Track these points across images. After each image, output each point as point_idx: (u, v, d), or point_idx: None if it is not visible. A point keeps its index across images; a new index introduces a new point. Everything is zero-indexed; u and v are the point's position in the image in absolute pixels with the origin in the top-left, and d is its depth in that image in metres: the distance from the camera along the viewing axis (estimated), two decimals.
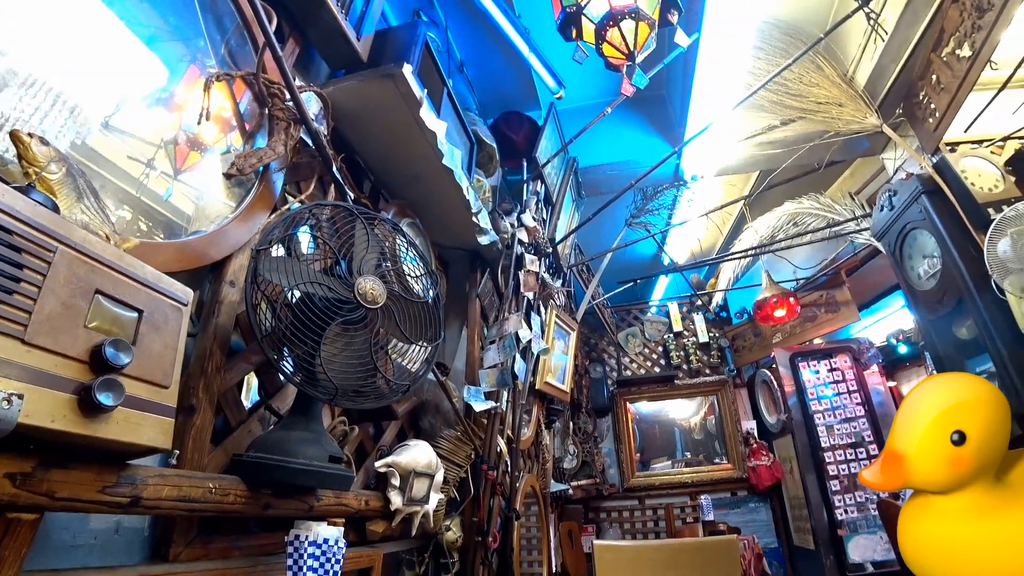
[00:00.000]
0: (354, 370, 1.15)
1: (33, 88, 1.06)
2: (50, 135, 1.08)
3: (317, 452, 1.13)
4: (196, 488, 0.99)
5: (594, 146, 3.42)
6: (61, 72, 1.08)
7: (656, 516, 4.57)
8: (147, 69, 1.33)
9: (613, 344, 5.10)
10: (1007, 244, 2.23)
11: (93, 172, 1.16)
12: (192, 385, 1.17)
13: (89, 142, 1.18)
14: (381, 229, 1.40)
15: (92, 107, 1.17)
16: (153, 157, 1.36)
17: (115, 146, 1.24)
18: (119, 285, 0.85)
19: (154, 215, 1.29)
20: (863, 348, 4.23)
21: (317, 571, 1.12)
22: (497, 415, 2.16)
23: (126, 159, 1.25)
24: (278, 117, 1.41)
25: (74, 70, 1.11)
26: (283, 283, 1.11)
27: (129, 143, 1.26)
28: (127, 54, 1.26)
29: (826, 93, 3.13)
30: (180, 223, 1.34)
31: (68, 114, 1.13)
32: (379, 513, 1.57)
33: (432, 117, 1.71)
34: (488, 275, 2.41)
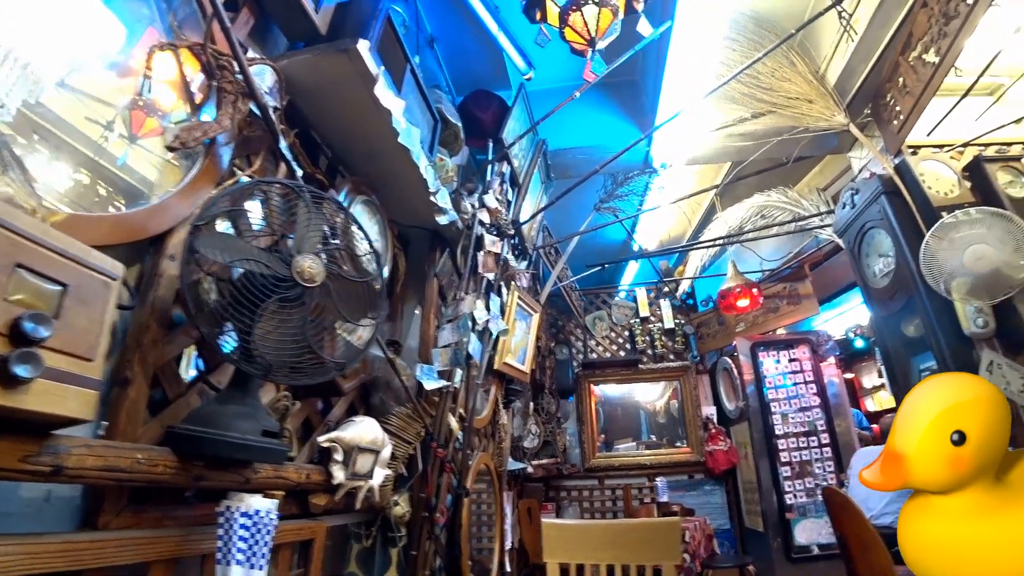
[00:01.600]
0: (288, 347, 1.16)
1: None
2: (0, 91, 1.06)
3: (250, 426, 1.15)
4: (123, 458, 1.01)
5: (565, 129, 3.41)
6: (11, 26, 1.05)
7: (615, 496, 4.70)
8: (104, 28, 1.30)
9: (580, 327, 5.16)
10: (946, 249, 2.30)
11: (48, 132, 1.14)
12: (127, 358, 1.17)
13: (44, 101, 1.15)
14: (328, 207, 1.40)
15: (46, 65, 1.14)
16: (113, 120, 1.34)
17: (73, 107, 1.22)
18: (42, 259, 0.85)
19: (115, 180, 1.27)
20: (822, 340, 4.35)
21: (247, 540, 1.15)
22: (449, 394, 2.19)
23: (84, 120, 1.23)
24: (226, 90, 1.39)
25: (25, 24, 1.07)
26: (219, 259, 1.12)
27: (87, 104, 1.24)
28: (83, 10, 1.22)
29: (797, 89, 3.16)
30: (142, 189, 1.33)
31: (20, 71, 1.10)
32: (321, 487, 1.60)
33: (389, 95, 1.70)
34: (448, 255, 2.42)
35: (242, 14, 1.54)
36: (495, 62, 2.85)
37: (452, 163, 2.44)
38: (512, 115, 2.75)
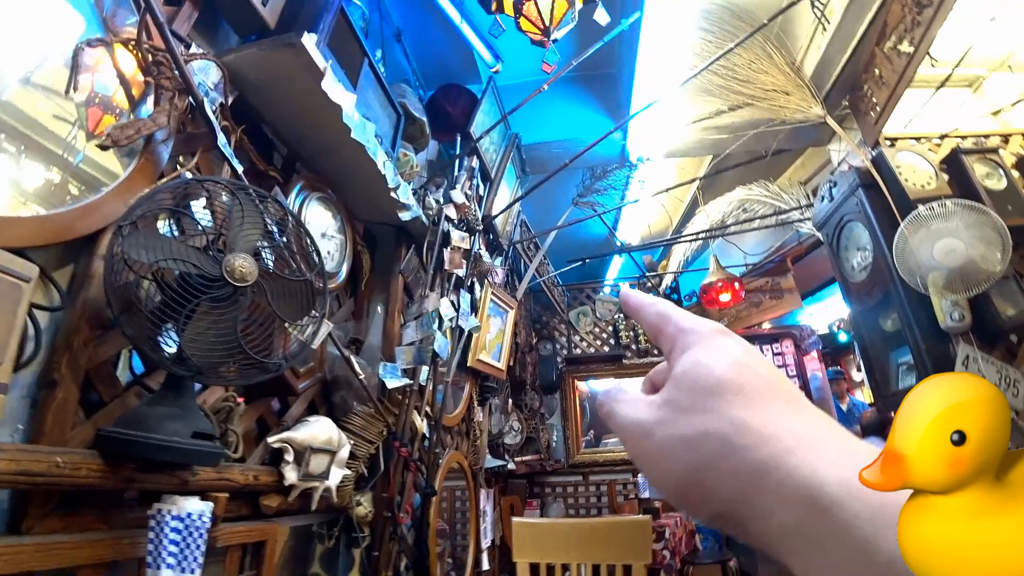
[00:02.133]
0: (218, 348, 1.14)
1: None
2: None
3: (179, 428, 1.13)
4: (39, 462, 0.98)
5: (541, 123, 3.38)
6: None
7: (599, 492, 4.69)
8: (68, 24, 1.28)
9: (564, 323, 5.15)
10: (919, 242, 2.28)
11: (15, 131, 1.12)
12: (55, 360, 1.15)
13: (8, 98, 1.13)
14: (272, 206, 1.38)
15: (9, 60, 1.12)
16: (80, 118, 1.32)
17: (40, 105, 1.20)
18: None
19: (85, 178, 1.25)
20: (805, 334, 4.34)
21: (179, 544, 1.13)
22: (414, 392, 2.17)
23: (52, 119, 1.21)
24: (163, 86, 1.36)
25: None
26: (144, 259, 1.09)
27: (55, 101, 1.22)
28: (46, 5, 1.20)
29: (774, 80, 3.13)
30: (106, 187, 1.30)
31: None
32: (272, 488, 1.58)
33: (339, 89, 1.67)
34: (414, 251, 2.40)
35: (184, 7, 1.50)
36: (464, 56, 2.82)
37: (418, 159, 2.41)
38: (481, 109, 2.72)
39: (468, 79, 2.95)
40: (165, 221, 1.32)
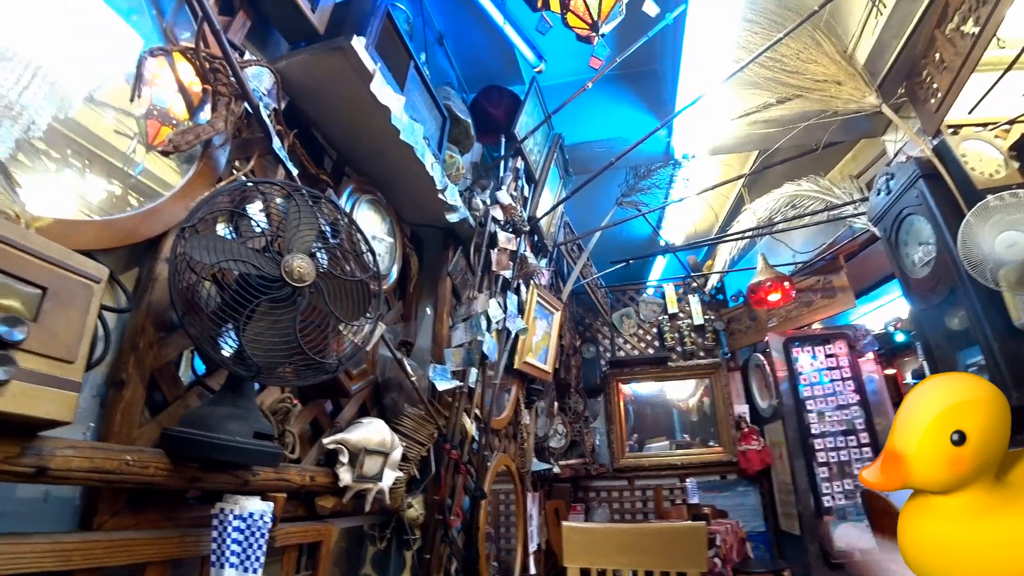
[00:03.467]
0: (278, 348, 1.15)
1: (12, 62, 1.05)
2: (31, 108, 1.08)
3: (240, 428, 1.14)
4: (111, 460, 1.00)
5: (583, 123, 3.34)
6: (40, 45, 1.07)
7: (645, 497, 4.60)
8: (126, 43, 1.32)
9: (607, 325, 5.07)
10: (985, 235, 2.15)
11: (81, 146, 1.16)
12: (123, 361, 1.18)
13: (74, 116, 1.18)
14: (327, 207, 1.39)
15: (74, 80, 1.16)
16: (139, 131, 1.36)
17: (102, 120, 1.24)
18: (21, 263, 0.85)
19: (144, 189, 1.29)
20: (859, 335, 4.15)
21: (241, 543, 1.14)
22: (464, 394, 2.16)
23: (114, 134, 1.25)
24: (221, 93, 1.39)
25: (53, 43, 1.09)
26: (206, 260, 1.11)
27: (116, 117, 1.26)
28: (106, 27, 1.24)
29: (824, 70, 3.01)
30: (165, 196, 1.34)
31: (48, 87, 1.12)
32: (328, 489, 1.59)
33: (388, 91, 1.68)
34: (461, 253, 2.39)
35: (238, 17, 1.53)
36: (506, 57, 2.81)
37: (463, 161, 2.41)
38: (524, 110, 2.71)
39: (510, 80, 2.94)
40: (224, 224, 1.34)
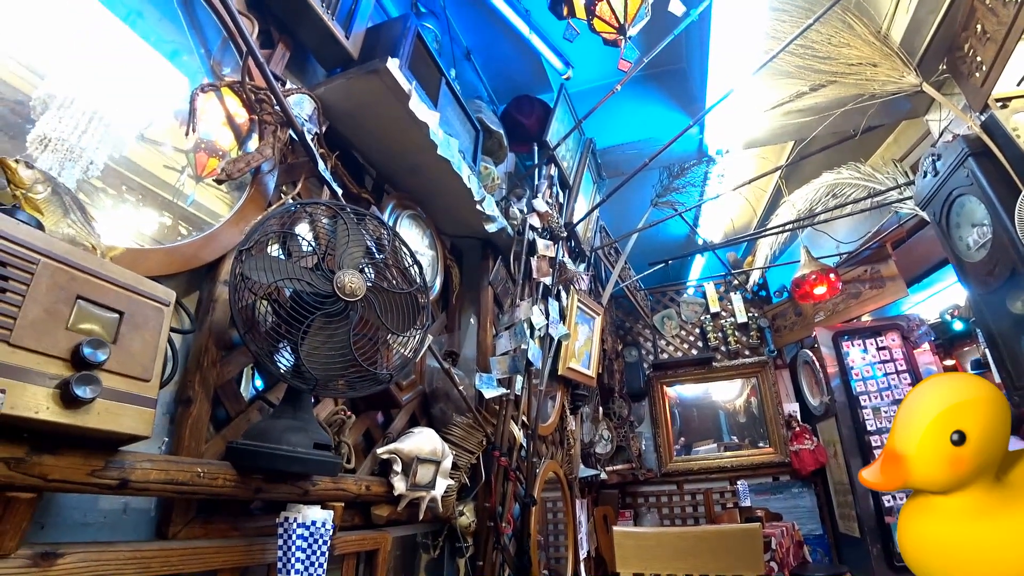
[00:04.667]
0: (334, 361, 1.19)
1: (71, 108, 1.14)
2: (89, 149, 1.17)
3: (301, 439, 1.19)
4: (184, 472, 1.06)
5: (612, 126, 3.35)
6: (95, 91, 1.16)
7: (695, 501, 4.50)
8: (171, 82, 1.41)
9: (648, 327, 5.02)
10: None
11: (134, 182, 1.25)
12: (189, 379, 1.25)
13: (127, 154, 1.26)
14: (371, 224, 1.44)
15: (126, 121, 1.25)
16: (186, 165, 1.45)
17: (152, 157, 1.32)
18: (100, 290, 0.91)
19: (191, 219, 1.37)
20: (913, 325, 3.99)
21: (305, 551, 1.18)
22: (510, 401, 2.18)
23: (163, 168, 1.34)
24: (267, 121, 1.46)
25: (107, 89, 1.18)
26: (264, 280, 1.16)
27: (164, 153, 1.35)
28: (153, 70, 1.33)
29: (858, 53, 2.94)
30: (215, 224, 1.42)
31: (104, 130, 1.21)
32: (382, 498, 1.63)
33: (423, 108, 1.73)
34: (501, 263, 2.43)
35: (278, 49, 1.61)
36: (533, 66, 2.85)
37: (498, 171, 2.45)
38: (555, 117, 2.73)
39: (538, 89, 2.98)
40: (275, 245, 1.40)
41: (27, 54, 1.06)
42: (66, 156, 1.10)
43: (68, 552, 0.90)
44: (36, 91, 1.06)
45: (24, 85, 1.05)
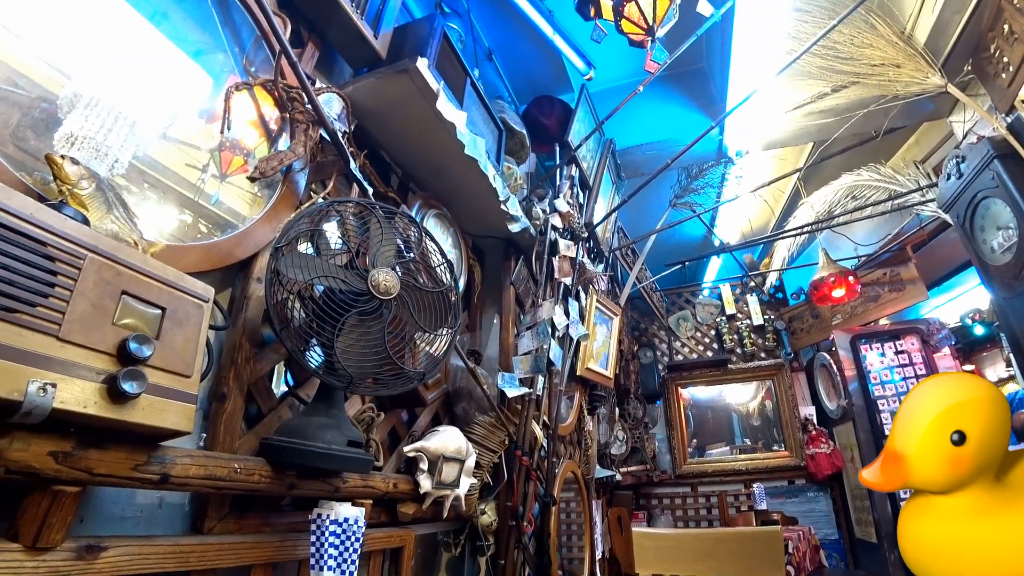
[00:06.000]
0: (369, 359, 1.20)
1: (97, 108, 1.15)
2: (114, 149, 1.18)
3: (335, 437, 1.19)
4: (222, 468, 1.07)
5: (632, 126, 3.34)
6: (120, 91, 1.17)
7: (709, 504, 4.49)
8: (195, 81, 1.42)
9: (664, 328, 5.00)
10: None
11: (156, 180, 1.26)
12: (223, 375, 1.26)
13: (150, 153, 1.28)
14: (401, 222, 1.44)
15: (150, 120, 1.25)
16: (207, 163, 1.46)
17: (174, 155, 1.33)
18: (144, 286, 0.92)
19: (212, 217, 1.39)
20: (933, 329, 3.94)
21: (338, 547, 1.19)
22: (532, 401, 2.18)
23: (185, 167, 1.35)
24: (298, 120, 1.47)
25: (131, 88, 1.20)
26: (299, 278, 1.17)
27: (186, 152, 1.36)
28: (177, 69, 1.34)
29: (881, 54, 2.91)
30: (236, 223, 1.43)
31: (129, 129, 1.21)
32: (409, 496, 1.63)
33: (451, 108, 1.73)
34: (523, 262, 2.43)
35: (308, 48, 1.62)
36: (555, 67, 2.85)
37: (520, 171, 2.45)
38: (576, 117, 2.73)
39: (558, 90, 2.98)
40: (304, 243, 1.41)
41: (54, 54, 1.07)
42: (92, 154, 1.11)
43: (111, 545, 0.91)
44: (63, 90, 1.07)
45: (51, 84, 1.06)
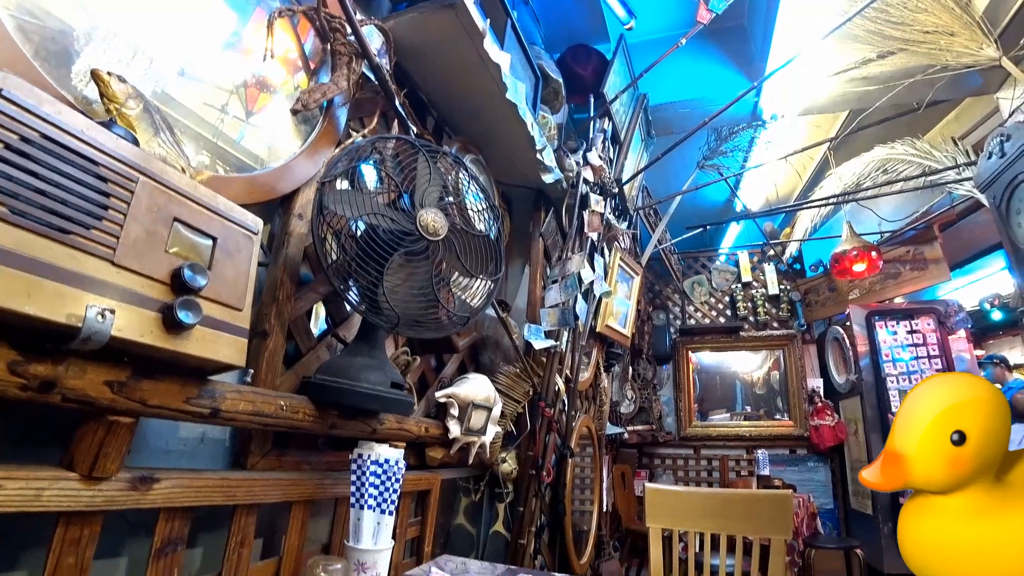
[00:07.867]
0: (415, 300, 1.18)
1: (114, 41, 1.09)
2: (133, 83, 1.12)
3: (379, 378, 1.18)
4: (268, 404, 1.06)
5: (666, 82, 3.22)
6: (138, 23, 1.10)
7: (710, 467, 4.57)
8: (217, 14, 1.35)
9: (678, 292, 4.98)
10: None
11: (173, 119, 1.21)
12: (265, 312, 1.24)
13: (167, 90, 1.22)
14: (443, 163, 1.39)
15: (169, 56, 1.20)
16: (227, 102, 1.40)
17: (192, 93, 1.27)
18: (195, 214, 0.88)
19: (229, 159, 1.34)
20: (950, 311, 3.92)
21: (378, 487, 1.20)
22: (556, 354, 2.18)
23: (202, 105, 1.29)
24: (340, 52, 1.40)
25: (149, 21, 1.13)
26: (347, 215, 1.14)
27: (205, 89, 1.30)
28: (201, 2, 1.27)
29: (935, 20, 2.78)
30: (254, 165, 1.38)
31: (148, 64, 1.15)
32: (438, 440, 1.65)
33: (496, 49, 1.66)
34: (552, 214, 2.38)
35: None
36: (593, 14, 2.72)
37: (554, 121, 2.37)
38: (613, 69, 2.63)
39: (594, 39, 2.85)
40: (344, 181, 1.36)
41: None
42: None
43: (163, 477, 0.91)
44: (80, 22, 1.01)
45: (68, 15, 0.99)
